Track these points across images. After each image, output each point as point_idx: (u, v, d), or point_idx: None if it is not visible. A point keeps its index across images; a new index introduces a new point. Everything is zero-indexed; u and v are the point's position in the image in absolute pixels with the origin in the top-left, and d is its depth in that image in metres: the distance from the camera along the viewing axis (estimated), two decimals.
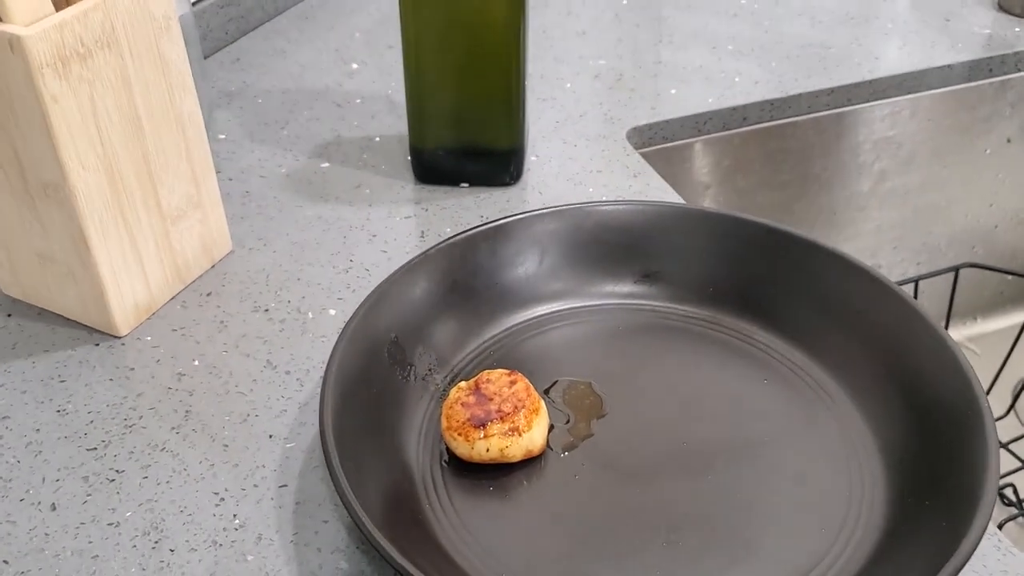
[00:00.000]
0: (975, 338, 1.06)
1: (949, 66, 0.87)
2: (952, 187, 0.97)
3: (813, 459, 0.48)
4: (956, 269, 0.90)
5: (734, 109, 0.81)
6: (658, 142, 0.79)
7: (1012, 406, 0.93)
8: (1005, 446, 0.85)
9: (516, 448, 0.47)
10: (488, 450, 0.47)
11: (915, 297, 0.85)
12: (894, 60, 0.88)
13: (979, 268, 0.92)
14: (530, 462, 0.48)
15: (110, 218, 0.54)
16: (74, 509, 0.48)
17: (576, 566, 0.44)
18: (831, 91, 0.84)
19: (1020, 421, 0.94)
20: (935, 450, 0.44)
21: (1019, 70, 0.90)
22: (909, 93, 0.87)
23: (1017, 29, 0.92)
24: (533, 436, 0.48)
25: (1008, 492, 0.82)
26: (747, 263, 0.56)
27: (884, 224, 0.96)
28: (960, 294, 0.93)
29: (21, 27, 0.48)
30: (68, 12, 0.49)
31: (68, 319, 0.59)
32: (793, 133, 0.85)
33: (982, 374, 0.84)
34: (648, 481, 0.48)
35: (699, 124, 0.80)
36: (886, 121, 0.88)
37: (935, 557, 0.38)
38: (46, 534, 0.47)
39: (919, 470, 0.45)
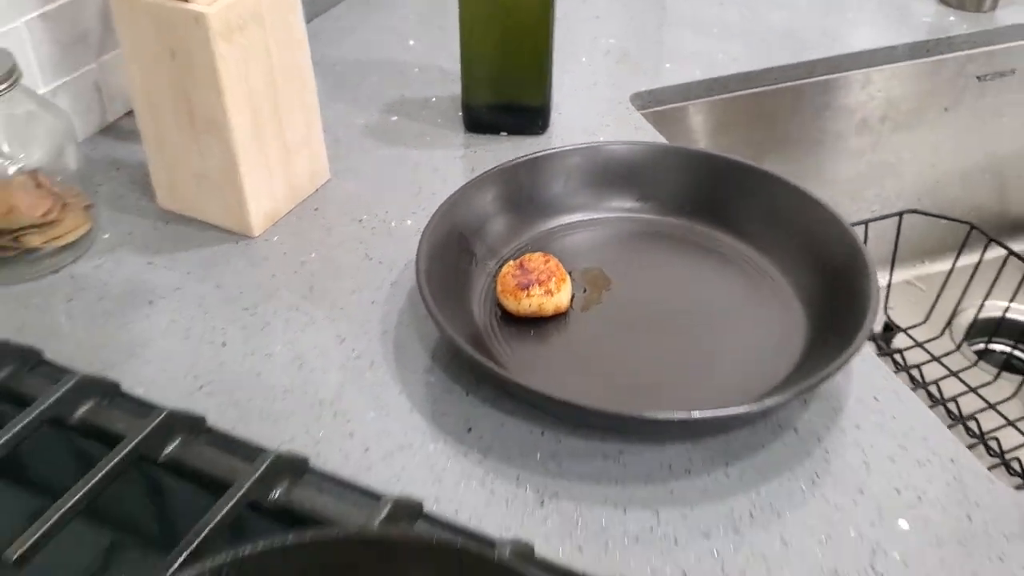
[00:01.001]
0: (921, 277, 1.27)
1: (894, 47, 1.07)
2: (900, 149, 1.17)
3: (758, 317, 0.68)
4: (900, 214, 1.11)
5: (716, 80, 1.01)
6: (655, 105, 0.99)
7: (947, 326, 1.12)
8: (992, 406, 1.02)
9: (549, 305, 0.68)
10: (529, 306, 0.67)
11: (865, 240, 1.06)
12: (851, 41, 1.08)
13: (920, 214, 1.12)
14: (558, 317, 0.69)
15: (252, 148, 0.75)
16: (238, 347, 0.68)
17: (587, 381, 0.64)
18: (796, 66, 1.04)
19: (953, 341, 1.14)
20: (837, 295, 0.65)
21: (952, 51, 1.10)
22: (863, 68, 1.07)
23: (952, 18, 1.12)
24: (561, 297, 0.68)
25: (993, 444, 0.95)
26: (716, 187, 0.77)
27: (841, 178, 1.16)
28: (909, 240, 1.13)
29: (204, 6, 0.68)
30: None
31: (213, 225, 0.79)
32: (766, 101, 1.05)
33: (925, 306, 1.06)
34: (642, 331, 0.68)
35: (688, 91, 1.00)
36: (842, 91, 1.08)
37: (831, 362, 0.59)
38: (221, 363, 0.67)
39: (826, 313, 0.65)
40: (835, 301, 0.66)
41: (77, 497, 0.52)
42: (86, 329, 0.69)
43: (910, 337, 1.12)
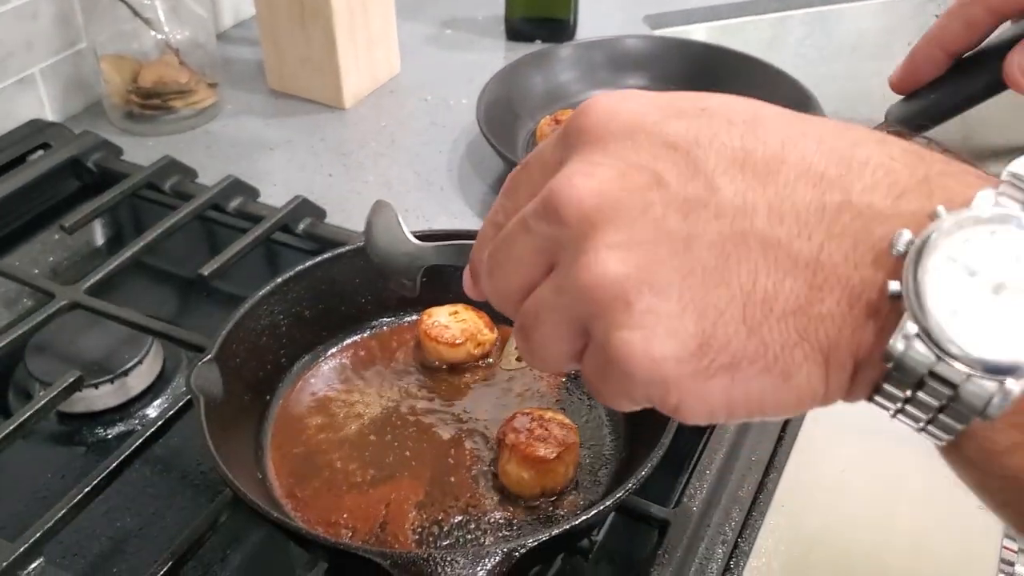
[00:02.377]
0: None
1: None
2: (869, 77, 1.38)
3: None
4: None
5: (713, 7, 1.23)
6: (664, 26, 1.21)
7: None
8: None
9: None
10: None
11: None
12: None
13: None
14: None
15: (347, 35, 0.97)
16: (342, 176, 0.90)
17: None
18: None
19: None
20: None
21: None
22: (835, 3, 1.29)
23: None
24: None
25: None
26: (711, 71, 0.98)
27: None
28: None
29: None
30: None
31: (312, 100, 1.01)
32: (755, 27, 1.27)
33: None
34: None
35: (691, 15, 1.22)
36: (816, 24, 1.30)
37: None
38: (330, 186, 0.89)
39: None
40: None
41: (235, 251, 0.73)
42: (224, 165, 0.91)
43: None
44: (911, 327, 0.26)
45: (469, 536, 0.52)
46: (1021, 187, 0.27)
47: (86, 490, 0.54)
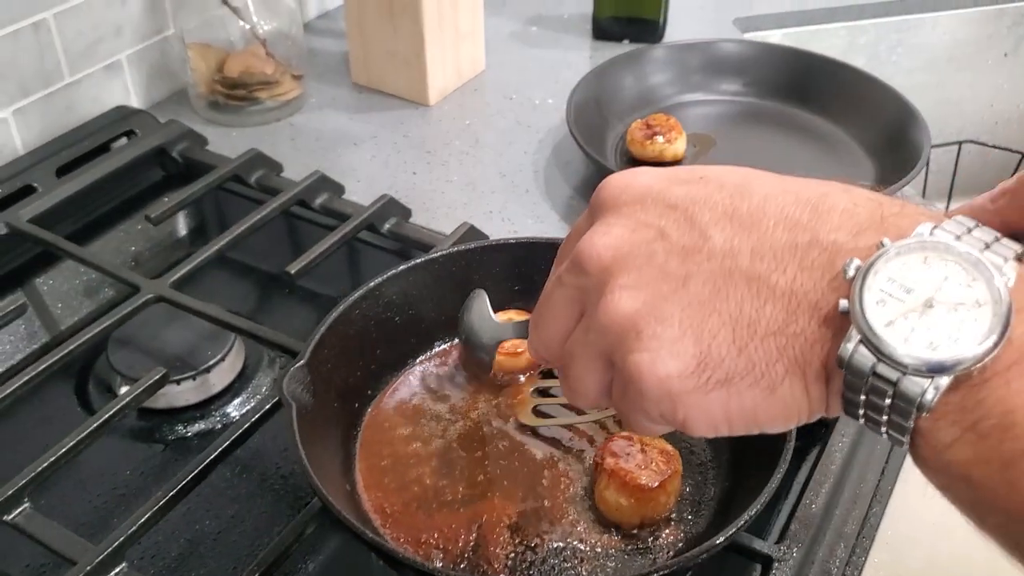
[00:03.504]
0: None
1: None
2: (961, 88, 1.33)
3: (830, 171, 0.86)
4: (959, 144, 1.27)
5: (805, 12, 1.19)
6: (753, 30, 1.17)
7: None
8: None
9: (668, 152, 0.86)
10: (653, 152, 0.86)
11: (927, 169, 1.22)
12: None
13: (977, 144, 1.29)
14: (674, 163, 0.88)
15: (435, 30, 0.95)
16: (425, 175, 0.88)
17: None
18: (875, 5, 1.21)
19: None
20: (892, 139, 0.83)
21: (1012, 1, 1.26)
22: (932, 11, 1.24)
23: None
24: (678, 147, 0.87)
25: None
26: (805, 76, 0.94)
27: None
28: (968, 175, 1.29)
29: None
30: None
31: (396, 96, 1.00)
32: (845, 34, 1.23)
33: None
34: None
35: (782, 20, 1.18)
36: (912, 31, 1.25)
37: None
38: (414, 185, 0.87)
39: (887, 164, 0.83)
40: (893, 151, 0.83)
41: (322, 249, 0.71)
42: (308, 158, 0.90)
43: None
44: (854, 335, 0.31)
45: (566, 565, 0.49)
46: (960, 224, 0.33)
47: (171, 493, 0.53)
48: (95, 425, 0.57)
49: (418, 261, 0.61)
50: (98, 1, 0.88)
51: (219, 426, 0.67)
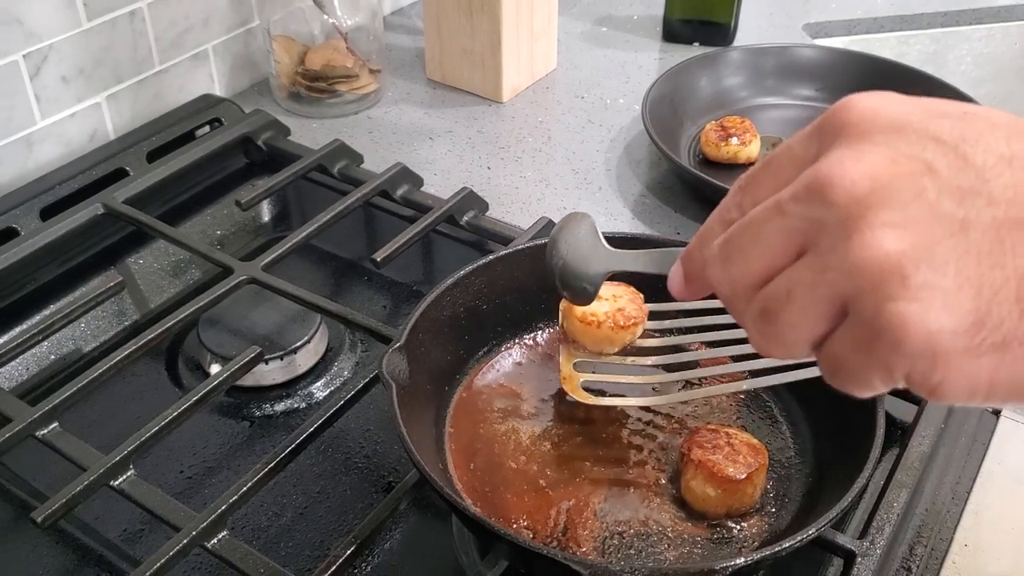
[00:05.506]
0: None
1: None
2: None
3: None
4: None
5: (875, 19, 1.19)
6: (823, 36, 1.18)
7: None
8: None
9: (743, 154, 0.87)
10: (727, 153, 0.87)
11: None
12: None
13: None
14: (748, 165, 0.89)
15: (512, 29, 0.97)
16: (500, 170, 0.90)
17: None
18: (944, 14, 1.21)
19: None
20: None
21: None
22: (1002, 21, 1.23)
23: None
24: (752, 149, 0.88)
25: None
26: (877, 82, 0.95)
27: None
28: None
29: None
30: None
31: (470, 92, 1.01)
32: (912, 41, 1.23)
33: None
34: None
35: (851, 27, 1.18)
36: (983, 41, 1.25)
37: None
38: (488, 179, 0.89)
39: None
40: None
41: (406, 239, 0.73)
42: (387, 151, 0.92)
43: None
44: None
45: (652, 550, 0.51)
46: None
47: (270, 465, 0.55)
48: (193, 400, 0.59)
49: (504, 252, 0.63)
50: None
51: (303, 405, 0.69)
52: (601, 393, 0.57)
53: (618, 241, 0.51)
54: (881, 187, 0.31)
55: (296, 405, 0.69)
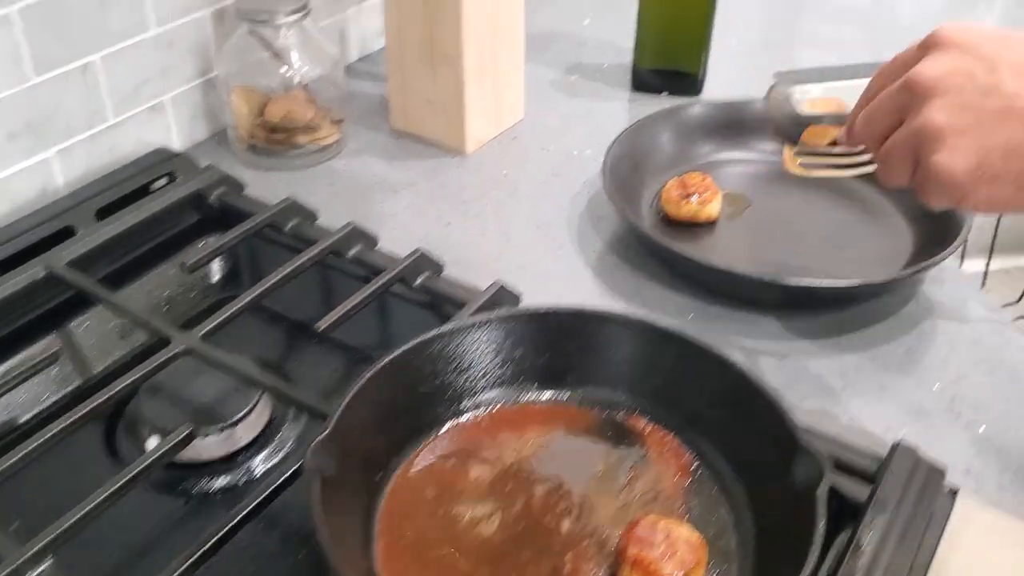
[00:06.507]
0: (1020, 268, 1.40)
1: None
2: None
3: (870, 236, 0.85)
4: None
5: (849, 66, 1.18)
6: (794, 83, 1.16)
7: None
8: None
9: (703, 213, 0.86)
10: (688, 212, 0.86)
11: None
12: None
13: None
14: (708, 224, 0.87)
15: (476, 79, 0.95)
16: (460, 226, 0.89)
17: (731, 265, 0.82)
18: None
19: None
20: (936, 215, 0.81)
21: None
22: None
23: None
24: (713, 208, 0.86)
25: None
26: None
27: None
28: (1009, 231, 1.27)
29: None
30: None
31: (434, 142, 1.00)
32: None
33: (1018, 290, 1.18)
34: (774, 240, 0.86)
35: (822, 73, 1.17)
36: None
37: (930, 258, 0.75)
38: (448, 235, 0.87)
39: (929, 229, 0.82)
40: (934, 219, 0.82)
41: (353, 304, 0.72)
42: (345, 205, 0.91)
43: None
44: None
45: None
46: None
47: (202, 550, 0.53)
48: (122, 482, 0.57)
49: (444, 330, 0.61)
50: (146, 43, 0.89)
51: (243, 481, 0.67)
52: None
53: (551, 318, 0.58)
54: (941, 84, 0.52)
55: (235, 480, 0.67)
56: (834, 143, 0.70)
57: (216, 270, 0.86)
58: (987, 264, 1.34)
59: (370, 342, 0.80)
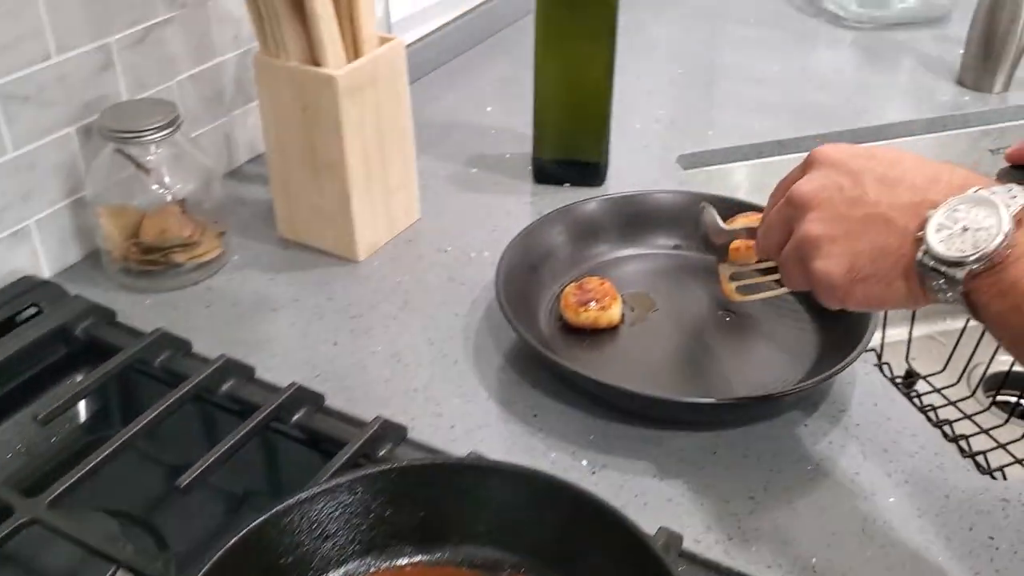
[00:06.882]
0: (943, 333, 1.38)
1: (914, 121, 1.22)
2: None
3: (777, 334, 0.82)
4: None
5: (753, 145, 1.16)
6: (699, 165, 1.14)
7: (962, 375, 1.24)
8: (1002, 445, 1.11)
9: (603, 318, 0.82)
10: (587, 319, 0.82)
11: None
12: (877, 116, 1.22)
13: None
14: (610, 330, 0.83)
15: (363, 186, 0.91)
16: (348, 345, 0.83)
17: (632, 378, 0.78)
18: (827, 135, 1.18)
19: (968, 387, 1.25)
20: (844, 314, 0.78)
21: (967, 127, 1.24)
22: (884, 139, 1.21)
23: (967, 98, 1.26)
24: (613, 313, 0.82)
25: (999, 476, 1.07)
26: None
27: None
28: None
29: (335, 70, 0.85)
30: (355, 63, 0.86)
31: (324, 251, 0.95)
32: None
33: (944, 358, 1.15)
34: (679, 345, 0.82)
35: (728, 155, 1.15)
36: None
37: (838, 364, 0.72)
38: (334, 357, 0.82)
39: (833, 326, 0.79)
40: (840, 318, 0.79)
41: (219, 453, 0.66)
42: (223, 328, 0.85)
43: (929, 384, 1.23)
44: (923, 247, 0.53)
45: None
46: (1008, 189, 0.53)
47: None
48: None
49: (302, 496, 0.55)
50: (2, 168, 0.83)
51: None
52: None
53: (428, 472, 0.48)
54: (815, 198, 0.58)
55: None
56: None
57: (84, 410, 0.79)
58: (910, 330, 1.32)
59: (251, 485, 0.75)
